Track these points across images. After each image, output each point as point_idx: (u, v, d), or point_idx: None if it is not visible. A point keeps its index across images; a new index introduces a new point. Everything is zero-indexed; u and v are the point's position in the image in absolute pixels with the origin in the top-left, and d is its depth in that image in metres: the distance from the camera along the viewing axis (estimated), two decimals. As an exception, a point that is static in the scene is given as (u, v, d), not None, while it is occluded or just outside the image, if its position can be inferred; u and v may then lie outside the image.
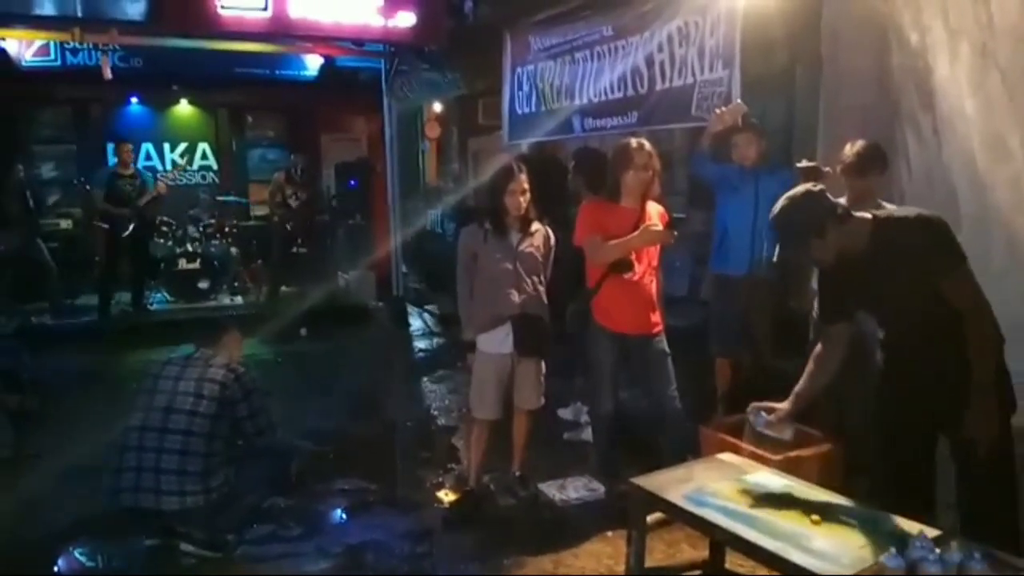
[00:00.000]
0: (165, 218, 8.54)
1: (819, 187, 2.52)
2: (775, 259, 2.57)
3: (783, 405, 2.72)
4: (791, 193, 2.53)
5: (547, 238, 3.67)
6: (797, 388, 2.72)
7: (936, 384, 2.46)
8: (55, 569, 3.23)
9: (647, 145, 3.52)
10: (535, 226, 3.62)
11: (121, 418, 3.28)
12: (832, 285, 2.67)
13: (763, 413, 2.77)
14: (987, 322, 2.38)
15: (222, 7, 6.07)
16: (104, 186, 7.51)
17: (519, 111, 6.28)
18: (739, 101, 3.98)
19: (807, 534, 2.26)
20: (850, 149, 3.37)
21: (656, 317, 3.61)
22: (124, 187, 7.47)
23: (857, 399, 3.32)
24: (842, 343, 2.68)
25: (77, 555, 3.32)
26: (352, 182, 9.18)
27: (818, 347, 2.72)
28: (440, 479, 4.09)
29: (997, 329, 2.42)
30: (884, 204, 3.33)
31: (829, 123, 3.97)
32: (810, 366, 2.71)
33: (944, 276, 2.37)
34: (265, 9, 6.21)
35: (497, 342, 3.56)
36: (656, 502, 2.63)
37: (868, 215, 2.50)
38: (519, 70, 6.22)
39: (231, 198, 9.63)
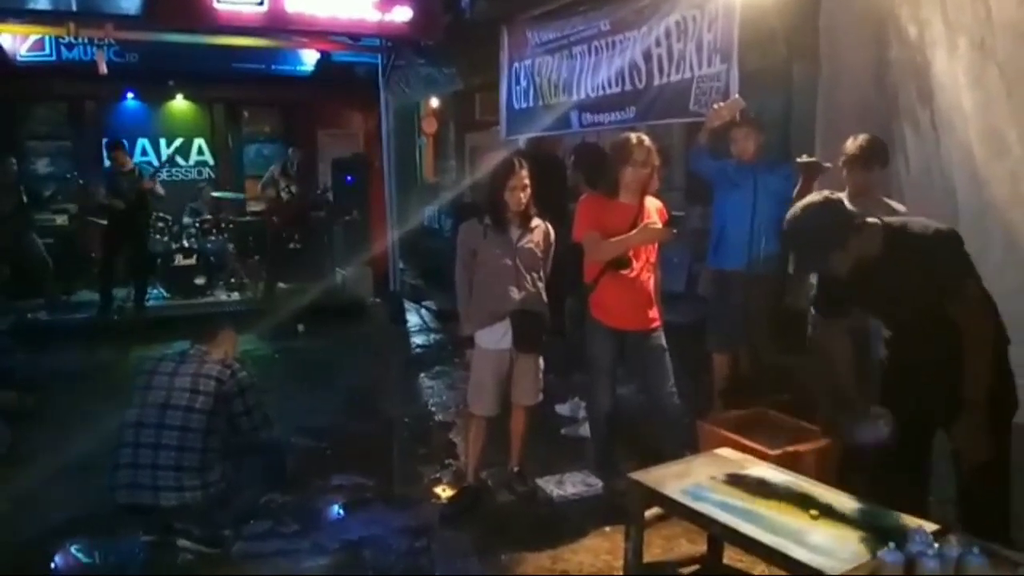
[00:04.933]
0: (161, 214, 8.51)
1: (836, 195, 2.44)
2: (792, 270, 2.51)
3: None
4: (807, 203, 2.42)
5: (547, 234, 3.66)
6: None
7: (937, 383, 2.46)
8: (52, 566, 3.22)
9: (646, 140, 3.50)
10: (535, 222, 3.61)
11: (117, 415, 3.26)
12: (832, 284, 2.61)
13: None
14: (987, 341, 2.35)
15: (218, 1, 6.04)
16: (104, 181, 7.54)
17: (516, 106, 6.27)
18: (737, 96, 3.97)
19: (805, 529, 2.27)
20: (852, 143, 3.36)
21: (654, 313, 3.60)
22: (122, 184, 7.45)
23: (855, 394, 3.32)
24: (842, 332, 2.67)
25: (74, 552, 3.31)
26: (349, 178, 9.15)
27: (822, 344, 2.70)
28: (438, 475, 4.09)
29: (1002, 331, 2.41)
30: (885, 199, 3.33)
31: (827, 118, 3.97)
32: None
33: (951, 298, 2.35)
34: (261, 4, 6.17)
35: (496, 338, 3.55)
36: (654, 497, 2.63)
37: (877, 221, 2.45)
38: (516, 65, 6.21)
39: (227, 194, 9.61)
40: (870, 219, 2.44)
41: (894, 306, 2.51)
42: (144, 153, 9.97)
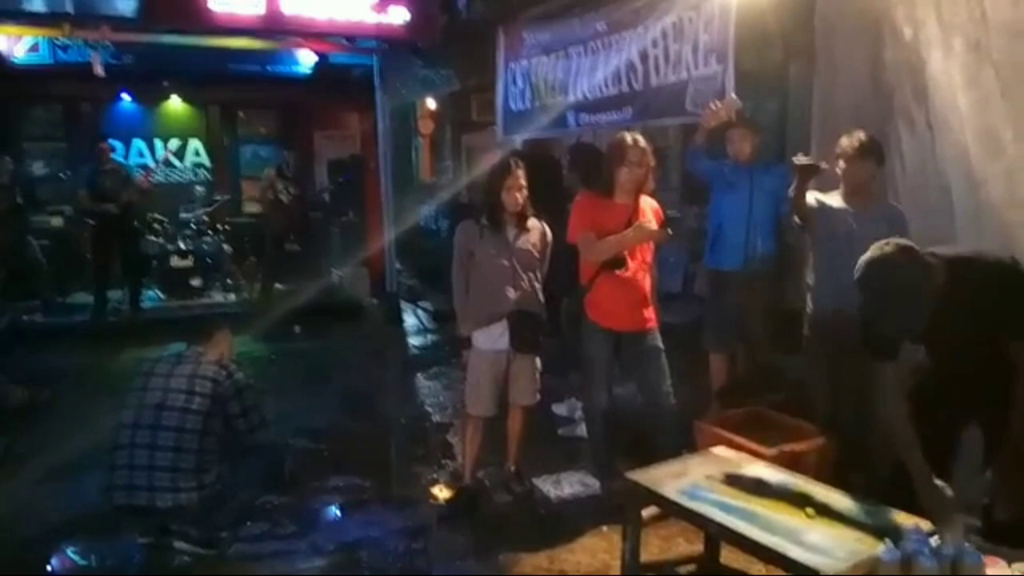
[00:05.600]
0: (157, 215, 8.49)
1: (906, 241, 2.30)
2: (873, 338, 2.27)
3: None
4: (885, 257, 2.23)
5: (543, 234, 3.67)
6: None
7: (978, 396, 2.42)
8: (48, 568, 3.21)
9: (641, 140, 3.50)
10: (531, 222, 3.61)
11: (113, 416, 3.25)
12: (886, 324, 2.34)
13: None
14: None
15: (214, 3, 6.04)
16: (86, 183, 7.45)
17: (513, 107, 6.27)
18: (733, 96, 3.98)
19: (802, 528, 2.27)
20: (848, 138, 3.36)
21: (650, 313, 3.60)
22: (105, 182, 7.36)
23: (852, 394, 3.33)
24: (901, 392, 2.50)
25: (70, 554, 3.30)
26: (345, 178, 9.15)
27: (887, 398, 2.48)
28: (435, 475, 4.08)
29: None
30: (884, 195, 3.33)
31: (823, 118, 3.98)
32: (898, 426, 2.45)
33: (1013, 338, 2.31)
34: (257, 5, 6.18)
35: (493, 338, 3.55)
36: (651, 497, 2.63)
37: (934, 258, 2.31)
38: (513, 66, 6.21)
39: (221, 197, 9.59)
40: (927, 256, 2.30)
41: (950, 338, 2.39)
42: (140, 155, 9.95)
